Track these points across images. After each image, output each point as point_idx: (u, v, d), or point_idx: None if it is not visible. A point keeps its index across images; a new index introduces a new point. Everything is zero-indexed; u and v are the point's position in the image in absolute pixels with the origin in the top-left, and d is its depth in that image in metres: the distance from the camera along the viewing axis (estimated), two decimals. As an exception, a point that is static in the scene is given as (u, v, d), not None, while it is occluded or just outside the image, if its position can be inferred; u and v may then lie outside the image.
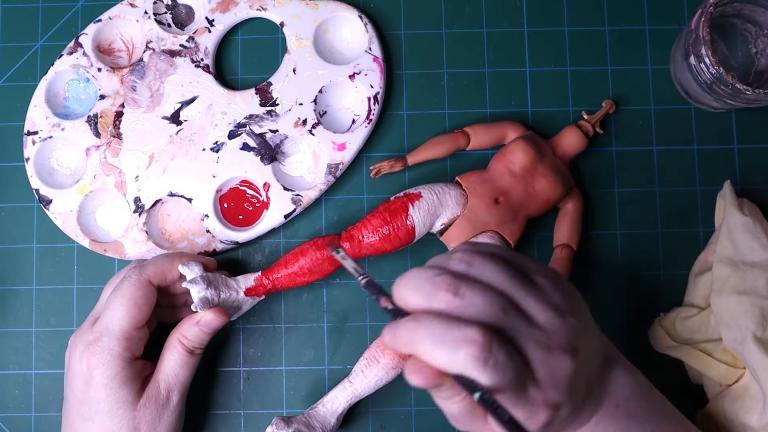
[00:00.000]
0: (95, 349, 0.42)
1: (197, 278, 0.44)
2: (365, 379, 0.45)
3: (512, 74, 0.52)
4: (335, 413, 0.45)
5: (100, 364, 0.42)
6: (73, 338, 0.44)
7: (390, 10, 0.52)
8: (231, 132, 0.50)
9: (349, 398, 0.45)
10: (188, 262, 0.45)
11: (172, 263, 0.45)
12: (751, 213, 0.46)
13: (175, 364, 0.44)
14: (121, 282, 0.44)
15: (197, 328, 0.44)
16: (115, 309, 0.43)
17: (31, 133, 0.50)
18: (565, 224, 0.49)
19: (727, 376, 0.46)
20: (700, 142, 0.51)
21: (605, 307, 0.50)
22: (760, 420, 0.43)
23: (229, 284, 0.46)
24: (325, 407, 0.45)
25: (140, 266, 0.44)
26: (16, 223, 0.51)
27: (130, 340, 0.43)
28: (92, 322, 0.44)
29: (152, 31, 0.51)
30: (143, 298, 0.43)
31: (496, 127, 0.49)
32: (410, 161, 0.50)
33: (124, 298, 0.43)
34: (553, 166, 0.47)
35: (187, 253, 0.48)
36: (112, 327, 0.43)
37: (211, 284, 0.44)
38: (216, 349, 0.50)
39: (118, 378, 0.42)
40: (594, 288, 0.50)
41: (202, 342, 0.44)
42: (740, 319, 0.44)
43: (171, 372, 0.44)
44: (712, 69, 0.45)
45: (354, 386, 0.45)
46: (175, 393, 0.44)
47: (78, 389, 0.43)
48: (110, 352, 0.42)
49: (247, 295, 0.46)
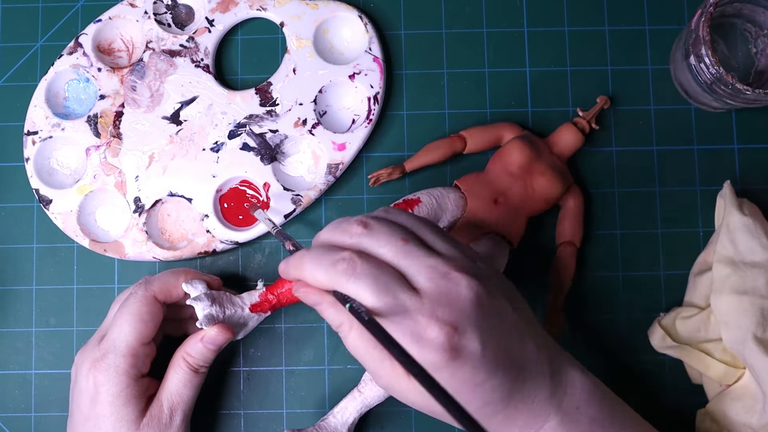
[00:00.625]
0: (102, 365, 0.42)
1: (201, 295, 0.44)
2: (375, 388, 0.45)
3: (512, 74, 0.52)
4: (346, 424, 0.45)
5: (106, 380, 0.42)
6: (80, 355, 0.44)
7: (390, 10, 0.52)
8: (231, 132, 0.50)
9: (359, 408, 0.45)
10: (192, 280, 0.45)
11: (178, 280, 0.45)
12: (751, 213, 0.46)
13: (179, 383, 0.44)
14: (127, 299, 0.44)
15: (201, 345, 0.43)
16: (122, 325, 0.43)
17: (31, 133, 0.50)
18: (567, 221, 0.49)
19: (727, 376, 0.46)
20: (700, 142, 0.51)
21: (605, 307, 0.50)
22: (760, 420, 0.43)
23: (234, 301, 0.45)
24: (335, 418, 0.45)
25: (146, 282, 0.44)
26: (16, 223, 0.51)
27: (137, 356, 0.43)
28: (99, 338, 0.44)
29: (152, 31, 0.51)
30: (149, 314, 0.43)
31: (492, 129, 0.49)
32: (408, 168, 0.49)
33: (131, 314, 0.43)
34: (550, 164, 0.47)
35: (192, 270, 0.47)
36: (118, 343, 0.42)
37: (216, 301, 0.44)
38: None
39: (123, 395, 0.42)
40: (594, 288, 0.50)
41: (207, 360, 0.44)
42: (740, 319, 0.44)
43: (175, 391, 0.44)
44: (712, 69, 0.45)
45: (363, 396, 0.45)
46: (179, 413, 0.44)
47: (84, 406, 0.43)
48: (116, 368, 0.42)
49: (252, 311, 0.45)
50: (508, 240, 0.46)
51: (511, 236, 0.46)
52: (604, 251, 0.50)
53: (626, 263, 0.50)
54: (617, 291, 0.50)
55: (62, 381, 0.49)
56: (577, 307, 0.50)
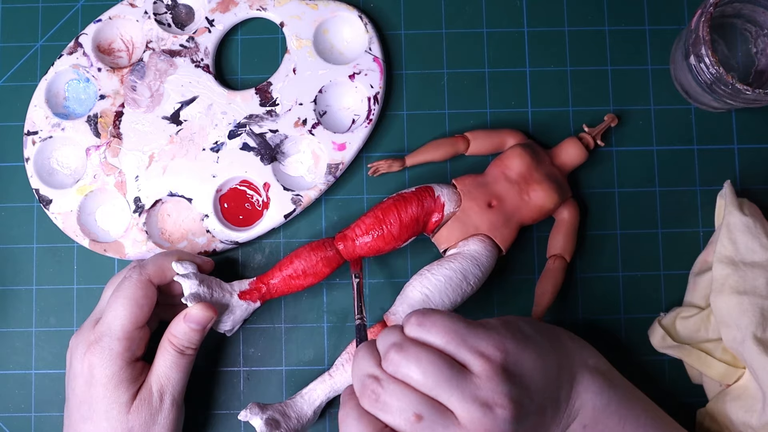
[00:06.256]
0: (96, 348, 0.42)
1: (190, 273, 0.44)
2: (345, 373, 0.45)
3: (512, 74, 0.52)
4: (313, 405, 0.45)
5: (100, 363, 0.42)
6: (75, 339, 0.44)
7: (390, 10, 0.52)
8: (231, 132, 0.50)
9: (327, 391, 0.45)
10: (183, 260, 0.45)
11: (171, 261, 0.45)
12: (752, 213, 0.46)
13: (165, 365, 0.44)
14: (121, 282, 0.44)
15: (184, 324, 0.44)
16: (117, 309, 0.43)
17: (31, 133, 0.50)
18: (560, 234, 0.48)
19: (727, 375, 0.46)
20: (700, 142, 0.51)
21: (605, 307, 0.50)
22: (760, 419, 0.43)
23: (223, 286, 0.46)
24: (303, 398, 0.45)
25: (140, 266, 0.44)
26: (16, 223, 0.51)
27: (132, 339, 0.43)
28: (93, 322, 0.44)
29: (152, 31, 0.51)
30: (144, 298, 0.43)
31: (496, 134, 0.49)
32: (409, 162, 0.50)
33: (125, 298, 0.43)
34: (549, 175, 0.47)
35: (186, 251, 0.48)
36: (113, 327, 0.43)
37: (204, 282, 0.44)
38: (216, 349, 0.50)
39: (116, 378, 0.42)
40: (594, 288, 0.50)
41: (191, 340, 0.44)
42: (740, 319, 0.44)
43: (162, 373, 0.44)
44: (712, 69, 0.45)
45: (334, 380, 0.45)
46: (168, 395, 0.44)
47: (79, 389, 0.43)
48: (111, 351, 0.42)
49: (241, 298, 0.46)
50: (497, 243, 0.46)
51: (500, 241, 0.46)
52: (604, 251, 0.50)
53: (626, 263, 0.50)
54: (617, 291, 0.50)
55: (62, 381, 0.49)
56: (577, 308, 0.50)
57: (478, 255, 0.45)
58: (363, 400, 0.36)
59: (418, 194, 0.47)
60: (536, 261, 0.50)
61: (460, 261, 0.45)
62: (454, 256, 0.46)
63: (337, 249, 0.46)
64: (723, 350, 0.46)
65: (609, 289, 0.50)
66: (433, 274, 0.45)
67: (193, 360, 0.45)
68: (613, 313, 0.50)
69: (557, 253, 0.48)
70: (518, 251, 0.50)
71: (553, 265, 0.48)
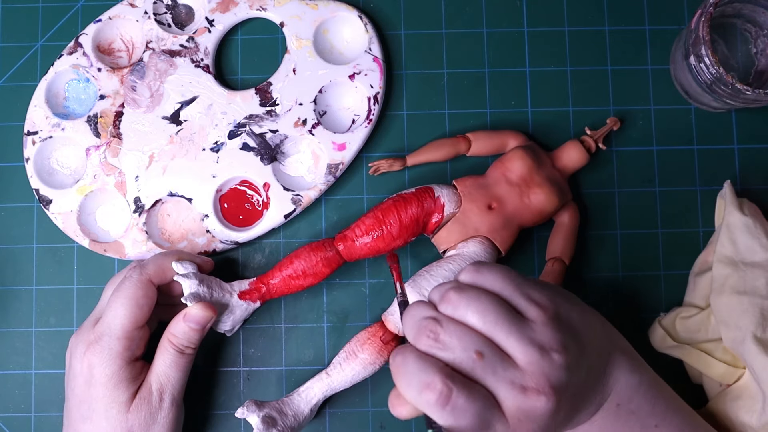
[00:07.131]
0: (96, 348, 0.43)
1: (190, 273, 0.44)
2: (342, 372, 0.45)
3: (512, 74, 0.52)
4: (309, 403, 0.45)
5: (100, 362, 0.42)
6: (74, 338, 0.44)
7: (390, 10, 0.52)
8: (231, 132, 0.50)
9: (324, 390, 0.45)
10: (183, 260, 0.45)
11: (171, 261, 0.45)
12: (752, 213, 0.46)
13: (165, 364, 0.44)
14: (122, 282, 0.44)
15: (183, 324, 0.44)
16: (117, 309, 0.43)
17: (31, 133, 0.50)
18: (559, 238, 0.48)
19: (727, 376, 0.46)
20: (700, 142, 0.51)
21: (605, 307, 0.50)
22: (760, 420, 0.43)
23: (223, 286, 0.46)
24: (300, 396, 0.46)
25: (140, 266, 0.44)
26: (16, 223, 0.51)
27: (131, 339, 0.43)
28: (93, 322, 0.44)
29: (152, 31, 0.51)
30: (144, 298, 0.43)
31: (498, 135, 0.49)
32: (409, 162, 0.50)
33: (125, 298, 0.43)
34: (550, 178, 0.47)
35: (186, 251, 0.48)
36: (113, 326, 0.43)
37: (204, 282, 0.45)
38: (216, 349, 0.50)
39: (115, 377, 0.42)
40: (594, 288, 0.50)
41: (191, 340, 0.44)
42: (740, 319, 0.44)
43: (162, 372, 0.44)
44: (712, 69, 0.45)
45: (331, 378, 0.45)
46: (167, 394, 0.44)
47: (79, 389, 0.43)
48: (110, 351, 0.42)
49: (240, 298, 0.46)
50: (497, 246, 0.46)
51: (500, 243, 0.46)
52: (604, 251, 0.50)
53: (626, 263, 0.50)
54: (617, 291, 0.50)
55: (62, 381, 0.49)
56: (577, 307, 0.50)
57: (476, 257, 0.45)
58: (420, 341, 0.35)
59: (418, 195, 0.47)
60: (536, 262, 0.50)
61: (458, 262, 0.45)
62: (453, 258, 0.46)
63: (337, 249, 0.46)
64: (723, 350, 0.46)
65: (609, 289, 0.50)
66: (432, 275, 0.45)
67: (192, 359, 0.45)
68: (612, 313, 0.50)
69: (556, 256, 0.48)
70: (518, 253, 0.50)
71: (551, 268, 0.48)
